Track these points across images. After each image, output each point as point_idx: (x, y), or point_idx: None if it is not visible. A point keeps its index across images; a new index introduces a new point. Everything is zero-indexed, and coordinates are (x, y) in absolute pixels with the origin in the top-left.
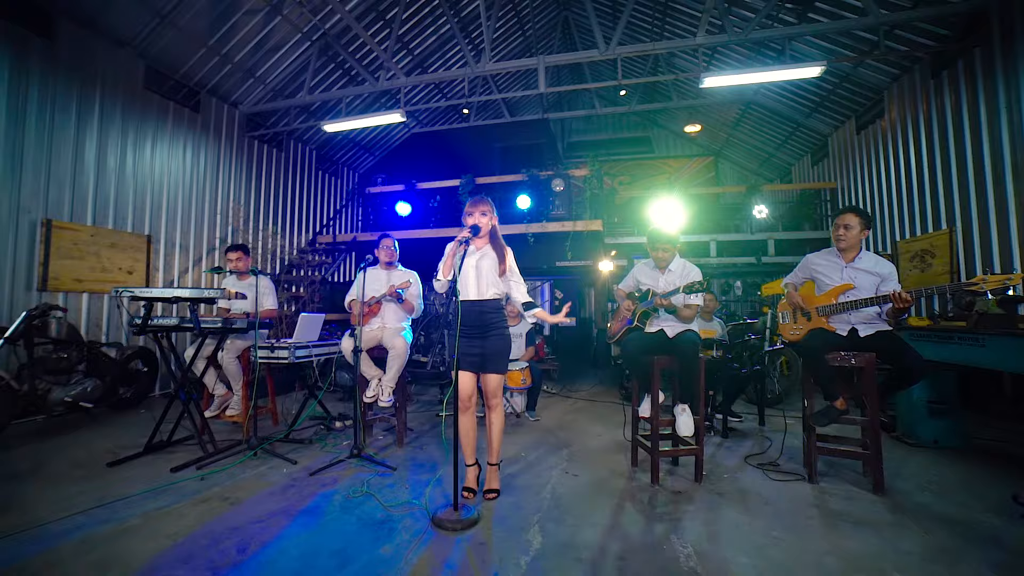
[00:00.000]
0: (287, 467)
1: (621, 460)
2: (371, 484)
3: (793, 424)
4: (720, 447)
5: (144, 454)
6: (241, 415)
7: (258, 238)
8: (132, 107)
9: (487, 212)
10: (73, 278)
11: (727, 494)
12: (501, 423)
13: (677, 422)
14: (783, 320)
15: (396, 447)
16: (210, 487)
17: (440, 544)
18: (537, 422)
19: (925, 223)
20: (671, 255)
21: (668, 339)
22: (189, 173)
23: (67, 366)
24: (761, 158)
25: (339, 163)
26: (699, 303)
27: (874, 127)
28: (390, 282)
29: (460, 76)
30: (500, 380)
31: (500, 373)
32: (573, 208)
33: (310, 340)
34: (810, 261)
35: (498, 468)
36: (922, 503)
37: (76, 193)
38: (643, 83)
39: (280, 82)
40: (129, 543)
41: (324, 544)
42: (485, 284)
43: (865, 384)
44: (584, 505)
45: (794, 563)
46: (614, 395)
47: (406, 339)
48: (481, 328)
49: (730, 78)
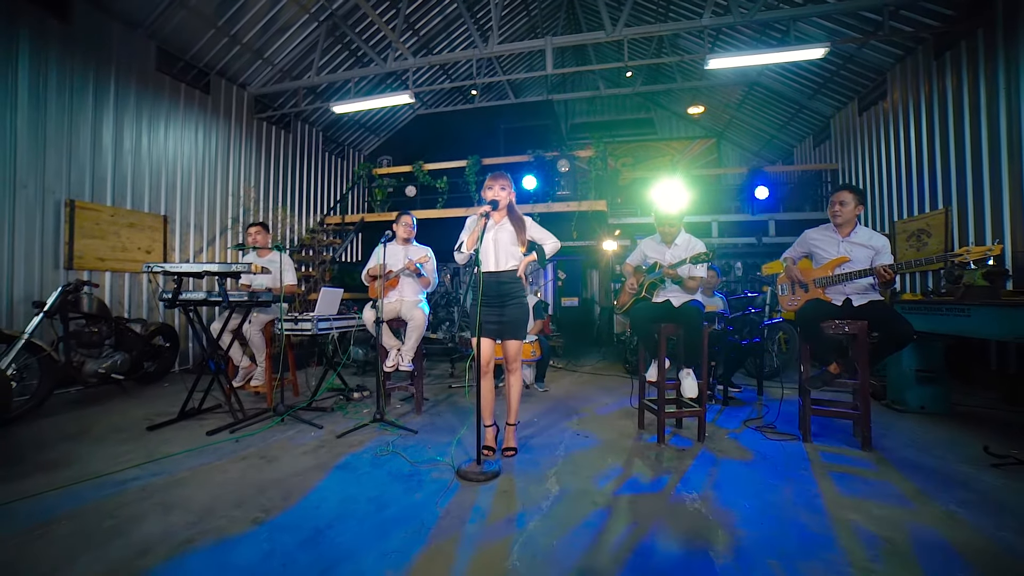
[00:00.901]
0: (314, 431)
1: (628, 424)
2: (396, 444)
3: (790, 393)
4: (721, 413)
5: (179, 420)
6: (265, 385)
7: (268, 218)
8: (145, 89)
9: (506, 187)
10: (96, 257)
11: (728, 451)
12: (519, 386)
13: (682, 384)
14: (782, 292)
15: (415, 414)
16: (246, 448)
17: (466, 492)
18: (546, 392)
19: (923, 203)
20: (676, 230)
21: (674, 308)
22: (201, 154)
23: (98, 340)
24: (763, 140)
25: (345, 145)
26: (703, 275)
27: (876, 108)
28: (408, 257)
29: (468, 57)
30: (519, 346)
31: (519, 339)
32: (578, 188)
33: (330, 314)
34: (808, 236)
35: (515, 428)
36: (904, 457)
37: (96, 174)
38: (647, 65)
39: (288, 63)
40: (184, 490)
41: (361, 493)
42: (504, 256)
43: (857, 349)
44: (596, 461)
45: (788, 505)
46: (618, 369)
47: (424, 310)
48: (500, 298)
49: (735, 60)
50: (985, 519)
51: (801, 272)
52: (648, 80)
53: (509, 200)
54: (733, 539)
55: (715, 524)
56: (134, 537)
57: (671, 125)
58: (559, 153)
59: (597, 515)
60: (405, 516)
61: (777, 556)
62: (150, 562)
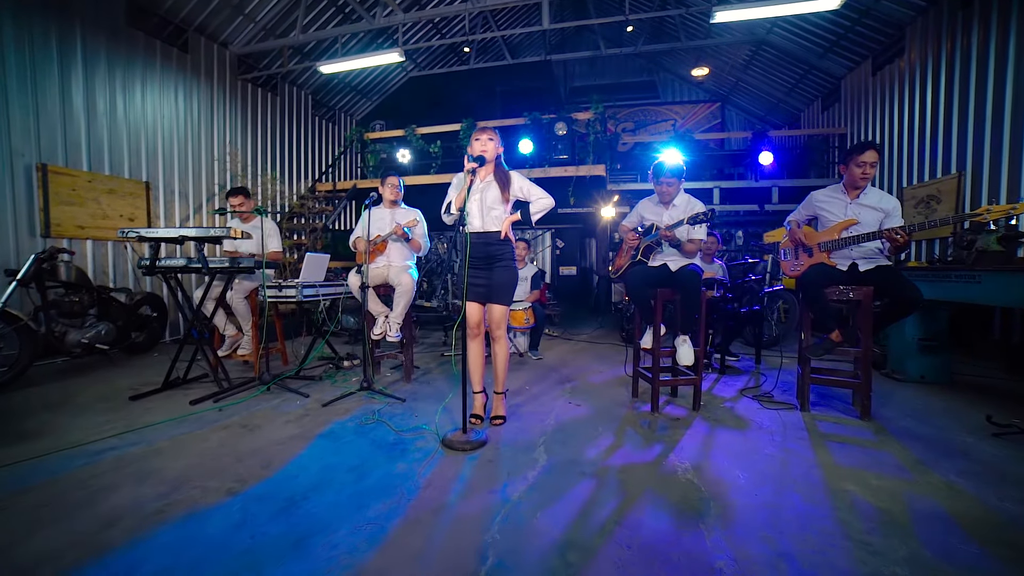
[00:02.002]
0: (300, 400)
1: (622, 392)
2: (382, 413)
3: (788, 363)
4: (717, 382)
5: (163, 390)
6: (252, 354)
7: (257, 184)
8: (117, 46)
9: (493, 138)
10: (75, 224)
11: (723, 420)
12: (505, 354)
13: (678, 352)
14: (784, 258)
15: (404, 382)
16: (229, 417)
17: (451, 462)
18: (540, 360)
19: (934, 168)
20: (675, 189)
21: (671, 272)
22: (183, 117)
23: (80, 309)
24: (770, 104)
25: (335, 109)
26: (702, 236)
27: (891, 67)
28: (395, 221)
29: (460, 12)
30: (504, 312)
31: (504, 304)
32: (576, 153)
33: (316, 280)
34: (814, 198)
35: (504, 397)
36: (904, 427)
37: (68, 137)
38: (650, 20)
39: (271, 20)
40: (160, 460)
41: (342, 462)
42: (490, 215)
43: (861, 316)
44: (587, 430)
45: (784, 475)
46: (615, 338)
47: (412, 276)
48: (487, 259)
49: (743, 12)
50: (986, 489)
51: (805, 236)
52: (651, 39)
53: (497, 154)
54: (726, 511)
55: (707, 495)
56: (102, 508)
57: (674, 88)
58: (556, 116)
59: (585, 486)
60: (385, 486)
61: (771, 529)
62: (115, 535)
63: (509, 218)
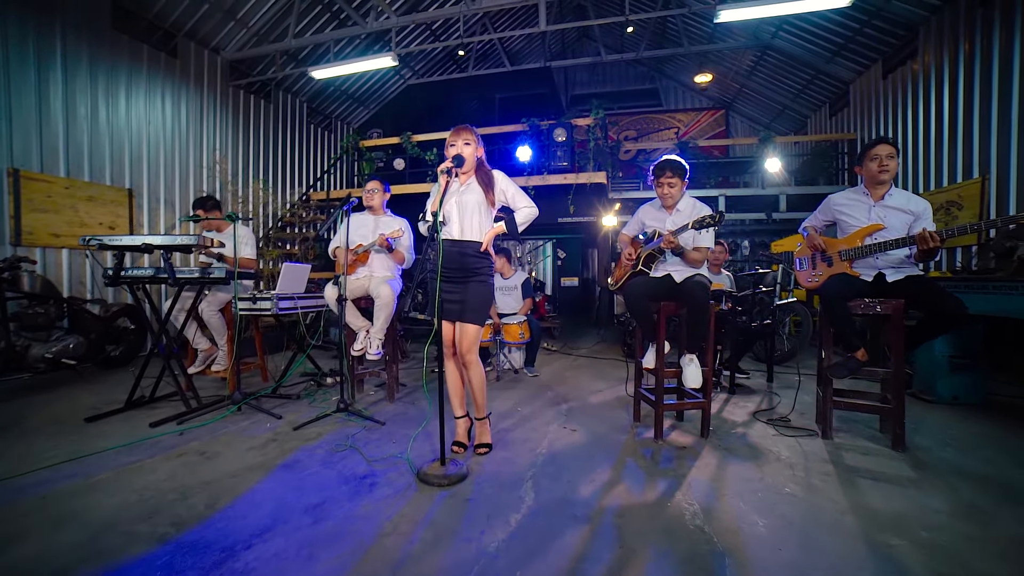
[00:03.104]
0: (271, 422)
1: (622, 415)
2: (356, 438)
3: (805, 381)
4: (727, 403)
5: (125, 410)
6: (228, 371)
7: (248, 193)
8: (100, 49)
9: (471, 141)
10: (49, 232)
11: (735, 449)
12: (480, 377)
13: (684, 373)
14: (800, 267)
15: (387, 401)
16: (188, 442)
17: (423, 500)
18: (536, 378)
19: (954, 172)
20: (678, 190)
21: (675, 284)
22: (170, 123)
23: (45, 322)
24: (775, 110)
25: (332, 117)
26: (709, 244)
27: (903, 70)
28: (378, 229)
29: (455, 14)
30: (476, 333)
31: (477, 324)
32: (576, 160)
33: (295, 292)
34: (833, 202)
35: (487, 422)
36: (945, 459)
37: (45, 141)
38: (652, 26)
39: (264, 25)
40: (93, 498)
41: (300, 500)
42: (468, 223)
43: (891, 332)
44: (582, 461)
45: (810, 522)
46: (617, 352)
47: (393, 288)
48: (462, 271)
49: (748, 10)
50: None
51: (824, 243)
52: (653, 45)
53: (476, 156)
54: (744, 572)
55: (721, 549)
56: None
57: (677, 96)
58: (556, 122)
59: (576, 534)
60: (344, 531)
61: None
62: None
63: (493, 230)
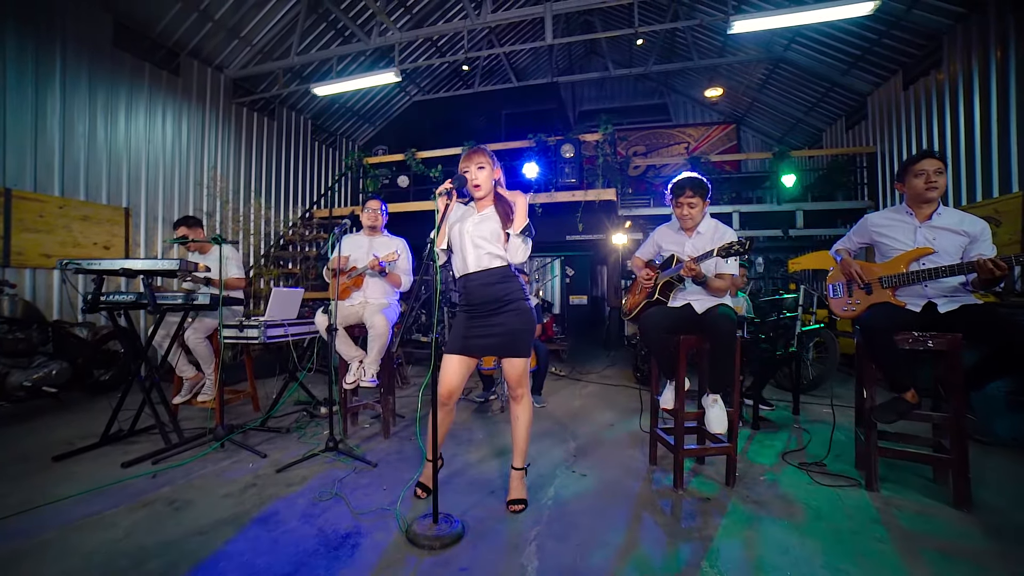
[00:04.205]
0: (254, 461)
1: (637, 456)
2: (344, 484)
3: (828, 412)
4: (751, 440)
5: (100, 445)
6: (214, 401)
7: (249, 210)
8: (100, 67)
9: (484, 164)
10: (41, 253)
11: (767, 503)
12: (529, 417)
13: (707, 415)
14: (834, 295)
15: (382, 437)
16: (159, 487)
17: (408, 570)
18: (543, 408)
19: (989, 186)
20: (699, 211)
21: (696, 315)
22: (171, 142)
23: (27, 348)
24: (788, 124)
25: (336, 134)
26: (734, 271)
27: (926, 80)
28: (372, 250)
29: (459, 29)
30: (525, 365)
31: (524, 356)
32: (584, 176)
33: (286, 318)
34: (870, 222)
35: (524, 474)
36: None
37: (40, 160)
38: (661, 40)
39: (268, 43)
40: (28, 567)
41: (270, 566)
42: (487, 254)
43: (948, 371)
44: (593, 516)
45: None
46: (628, 378)
47: (388, 316)
48: (490, 303)
49: (762, 21)
50: None
51: (861, 269)
52: (662, 59)
53: (494, 180)
54: None
55: None
56: None
57: (686, 110)
58: (564, 138)
59: None
60: None
61: None
62: None
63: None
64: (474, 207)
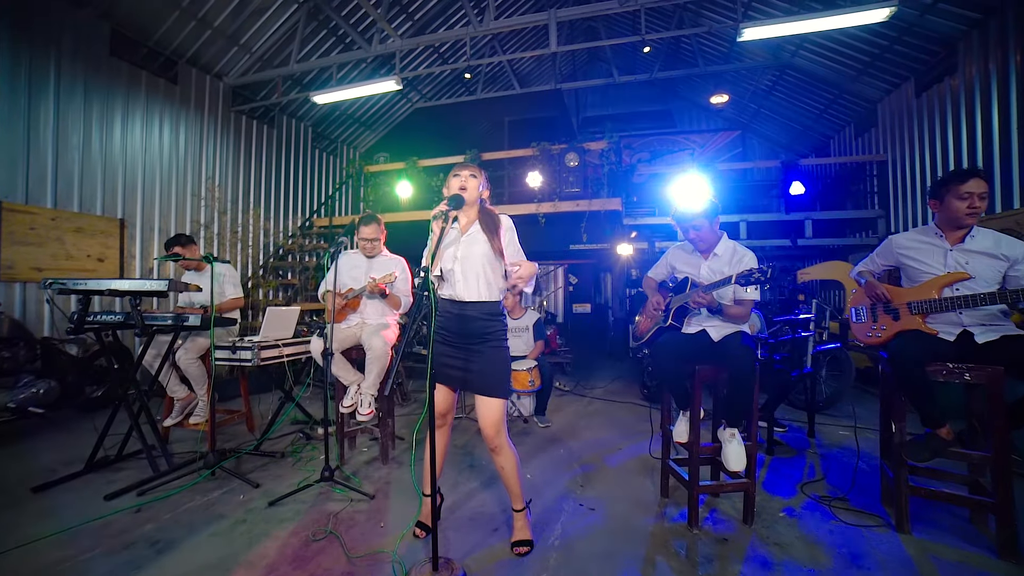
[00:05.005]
0: (246, 492)
1: (647, 486)
2: (340, 520)
3: (846, 433)
4: (767, 467)
5: (84, 473)
6: (207, 423)
7: (248, 220)
8: (96, 76)
9: (476, 174)
10: (31, 267)
11: (789, 545)
12: (514, 463)
13: (724, 451)
14: (857, 319)
15: (380, 462)
16: (142, 524)
17: None
18: (547, 428)
19: (1010, 196)
20: (711, 234)
21: (712, 342)
22: (168, 151)
23: (12, 367)
24: (795, 131)
25: (337, 141)
26: (755, 297)
27: (940, 87)
28: (371, 271)
29: (461, 36)
30: (501, 409)
31: (500, 397)
32: (589, 185)
33: (281, 338)
34: (896, 244)
35: (526, 513)
36: None
37: (32, 171)
38: (666, 46)
39: (267, 51)
40: None
41: None
42: (475, 282)
43: (990, 407)
44: (603, 561)
45: None
46: (634, 392)
47: (387, 338)
48: (465, 338)
49: (774, 28)
50: None
51: (888, 292)
52: (666, 65)
53: (480, 197)
54: None
55: None
56: None
57: (691, 117)
58: (568, 146)
59: None
60: None
61: None
62: None
63: (516, 282)
64: (458, 228)
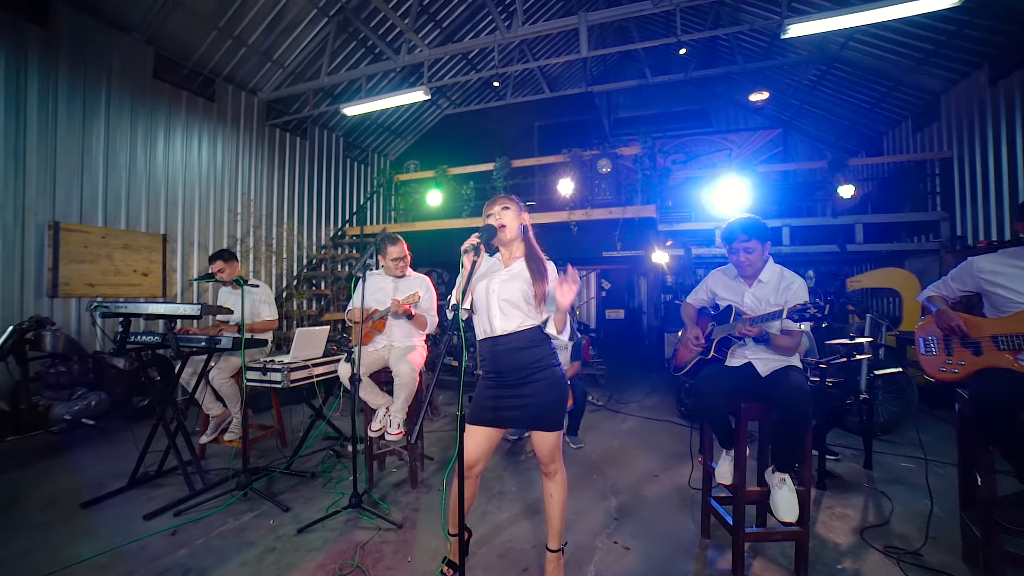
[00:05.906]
0: (276, 516)
1: (687, 524)
2: (367, 551)
3: (908, 467)
4: (819, 505)
5: (128, 488)
6: (241, 440)
7: (282, 233)
8: (142, 98)
9: (509, 205)
10: (85, 283)
11: None
12: (563, 494)
13: (773, 497)
14: (925, 351)
15: (409, 486)
16: (176, 549)
17: None
18: (580, 450)
19: None
20: (758, 256)
21: (759, 377)
22: (206, 166)
23: (68, 380)
24: (842, 127)
25: (368, 149)
26: (806, 329)
27: (1020, 74)
28: (396, 291)
29: (489, 44)
30: (558, 439)
31: (556, 429)
32: (622, 192)
33: (310, 358)
34: (978, 268)
35: (562, 556)
36: None
37: (85, 192)
38: (702, 42)
39: (299, 64)
40: None
41: None
42: (513, 310)
43: None
44: None
45: None
46: (670, 408)
47: (415, 361)
48: (522, 370)
49: (825, 23)
50: None
51: (965, 324)
52: (702, 64)
53: (522, 225)
54: None
55: None
56: None
57: (728, 115)
58: (600, 151)
59: None
60: None
61: None
62: None
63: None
64: (500, 260)
